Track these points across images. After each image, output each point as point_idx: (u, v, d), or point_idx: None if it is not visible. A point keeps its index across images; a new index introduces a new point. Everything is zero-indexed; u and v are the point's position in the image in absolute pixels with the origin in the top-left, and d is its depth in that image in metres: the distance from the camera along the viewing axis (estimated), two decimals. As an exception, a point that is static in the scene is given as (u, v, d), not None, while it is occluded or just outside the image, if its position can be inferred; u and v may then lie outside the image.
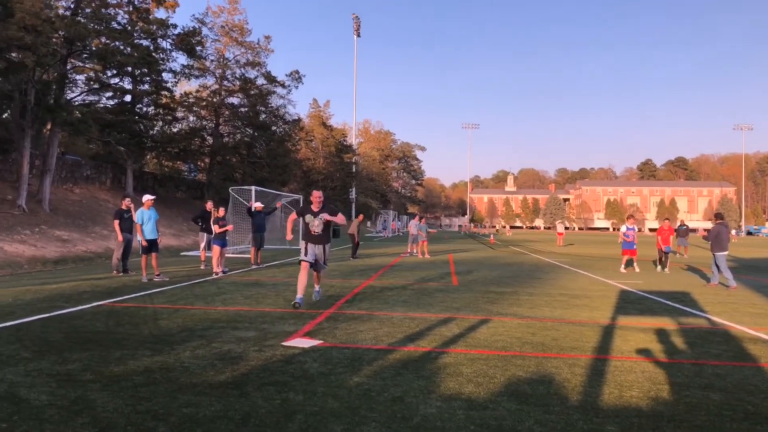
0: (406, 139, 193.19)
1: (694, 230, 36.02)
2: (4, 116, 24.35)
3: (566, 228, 43.74)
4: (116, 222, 12.84)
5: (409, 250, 23.01)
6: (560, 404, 4.13)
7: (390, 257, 20.84)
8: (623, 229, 16.85)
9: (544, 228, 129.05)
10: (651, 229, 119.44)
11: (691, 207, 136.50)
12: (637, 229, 17.15)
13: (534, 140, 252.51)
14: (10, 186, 21.48)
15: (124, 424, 3.53)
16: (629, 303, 9.59)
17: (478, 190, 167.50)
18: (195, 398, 4.04)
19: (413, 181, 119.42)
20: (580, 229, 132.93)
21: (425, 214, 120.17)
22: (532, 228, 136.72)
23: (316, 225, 8.34)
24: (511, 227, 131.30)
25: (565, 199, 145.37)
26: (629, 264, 16.41)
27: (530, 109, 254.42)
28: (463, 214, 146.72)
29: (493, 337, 6.43)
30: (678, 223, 26.08)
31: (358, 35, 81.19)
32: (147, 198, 11.96)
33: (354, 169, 68.35)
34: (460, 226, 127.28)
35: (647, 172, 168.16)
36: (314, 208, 8.49)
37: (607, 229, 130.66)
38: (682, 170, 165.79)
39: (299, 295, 8.27)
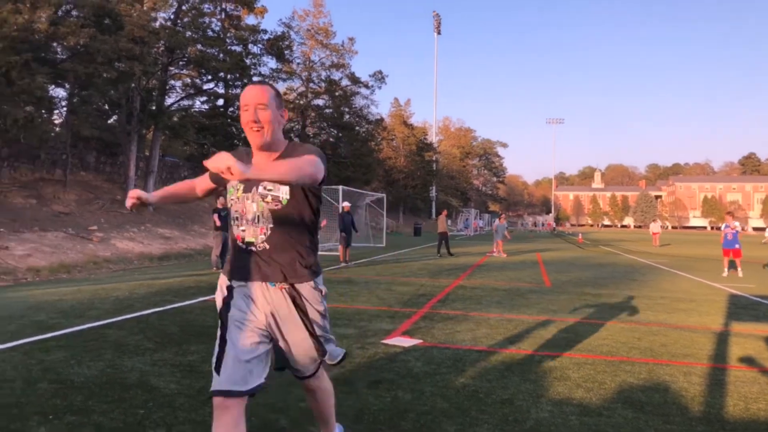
0: (488, 135, 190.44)
1: None
2: (110, 122, 26.24)
3: (662, 227, 40.56)
4: (215, 216, 13.48)
5: (495, 250, 22.69)
6: (680, 414, 3.94)
7: (475, 257, 20.65)
8: (723, 226, 15.73)
9: (635, 227, 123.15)
10: (756, 228, 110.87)
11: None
12: (738, 227, 15.71)
13: (622, 134, 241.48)
14: (118, 187, 23.15)
15: (249, 415, 3.72)
16: (741, 308, 8.99)
17: (562, 187, 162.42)
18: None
19: (494, 179, 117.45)
20: (673, 227, 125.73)
21: (507, 213, 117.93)
22: (623, 227, 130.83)
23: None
24: (602, 226, 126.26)
25: (657, 196, 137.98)
26: (731, 266, 15.06)
27: (618, 102, 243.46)
28: (548, 212, 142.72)
29: (596, 341, 6.23)
30: None
31: (439, 33, 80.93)
32: None
33: (434, 167, 68.21)
34: (543, 224, 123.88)
35: (750, 166, 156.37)
36: None
37: (704, 227, 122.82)
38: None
39: None
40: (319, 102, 39.72)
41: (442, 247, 20.53)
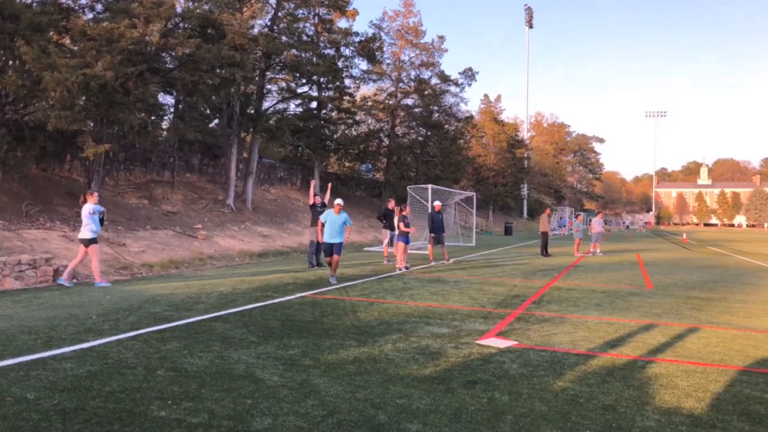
0: (583, 130, 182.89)
1: None
2: (211, 126, 27.78)
3: None
4: (312, 216, 13.95)
5: (591, 250, 21.84)
6: (806, 431, 3.63)
7: (571, 257, 19.96)
8: None
9: (747, 226, 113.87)
10: None
11: None
12: None
13: (733, 126, 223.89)
14: (220, 187, 24.47)
15: (348, 409, 3.85)
16: None
17: (664, 183, 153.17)
18: (405, 390, 4.26)
19: (590, 175, 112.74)
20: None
21: (604, 211, 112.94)
22: (730, 225, 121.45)
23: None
24: (705, 225, 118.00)
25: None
26: None
27: (726, 91, 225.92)
28: (648, 209, 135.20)
29: (706, 348, 5.86)
30: None
31: (531, 26, 78.86)
32: (337, 202, 11.53)
33: (526, 165, 66.52)
34: (641, 223, 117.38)
35: None
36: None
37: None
38: None
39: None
40: (409, 101, 39.88)
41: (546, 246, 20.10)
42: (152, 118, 16.89)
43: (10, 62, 14.69)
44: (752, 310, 8.48)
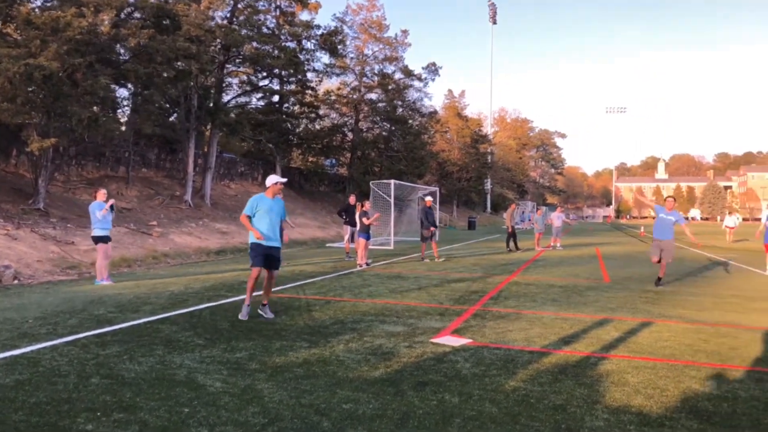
0: (545, 126, 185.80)
1: None
2: (170, 119, 27.06)
3: (740, 220, 35.67)
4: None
5: (552, 244, 22.11)
6: (751, 427, 3.63)
7: (532, 251, 20.14)
8: (764, 218, 13.92)
9: (701, 219, 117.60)
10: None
11: None
12: None
13: (689, 123, 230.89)
14: (178, 183, 23.87)
15: (290, 416, 3.68)
16: (821, 308, 8.32)
17: (624, 178, 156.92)
18: (353, 394, 4.11)
19: (552, 170, 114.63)
20: (745, 219, 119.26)
21: (566, 205, 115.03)
22: (685, 219, 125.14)
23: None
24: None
25: (727, 187, 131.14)
26: None
27: (683, 89, 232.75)
28: (608, 204, 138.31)
29: (658, 343, 5.89)
30: None
31: (494, 22, 79.45)
32: (274, 180, 7.26)
33: (489, 160, 67.11)
34: (604, 217, 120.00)
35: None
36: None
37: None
38: None
39: None
40: (372, 96, 39.67)
41: (511, 241, 20.18)
42: (103, 111, 16.27)
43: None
44: (703, 303, 8.62)
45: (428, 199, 16.49)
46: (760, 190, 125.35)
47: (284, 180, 7.34)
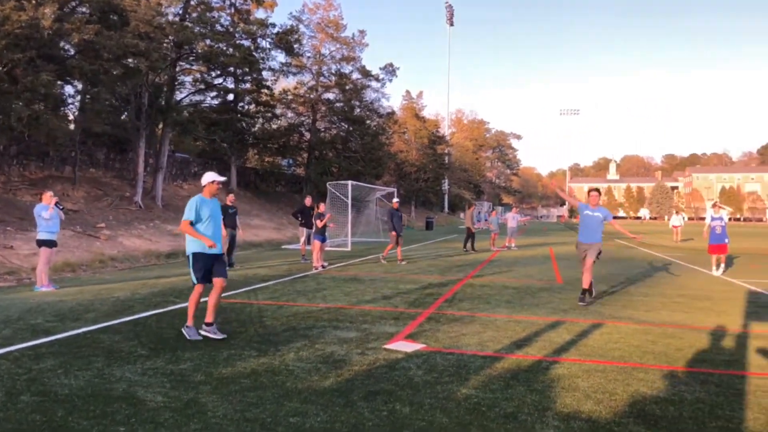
0: (501, 127, 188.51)
1: None
2: (121, 118, 26.21)
3: (686, 219, 35.79)
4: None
5: (507, 244, 22.39)
6: (697, 430, 3.67)
7: (487, 252, 20.34)
8: (708, 219, 13.65)
9: (650, 218, 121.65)
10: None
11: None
12: (726, 220, 13.90)
13: (639, 125, 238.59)
14: (127, 183, 23.12)
15: (234, 432, 3.52)
16: (761, 307, 8.63)
17: (577, 178, 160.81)
18: (301, 406, 3.98)
19: (508, 171, 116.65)
20: (690, 219, 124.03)
21: (521, 205, 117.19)
22: (636, 218, 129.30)
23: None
24: (614, 217, 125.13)
25: (674, 188, 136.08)
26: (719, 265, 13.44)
27: (634, 92, 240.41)
28: (562, 204, 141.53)
29: (608, 345, 5.96)
30: None
31: (451, 24, 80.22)
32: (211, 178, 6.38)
33: (447, 160, 67.72)
34: (558, 216, 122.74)
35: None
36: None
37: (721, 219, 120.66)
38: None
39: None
40: (330, 96, 39.42)
41: (469, 242, 20.30)
42: (46, 108, 15.57)
43: None
44: (651, 304, 8.82)
45: (395, 201, 16.34)
46: (704, 191, 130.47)
47: (223, 178, 6.50)
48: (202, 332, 6.04)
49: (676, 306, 8.62)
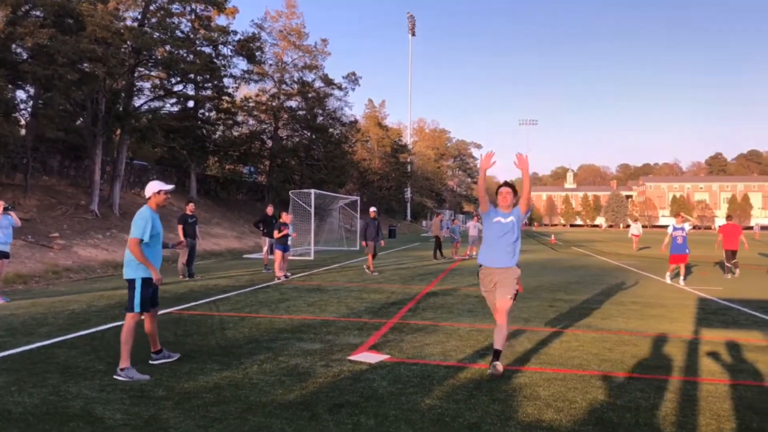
0: (462, 137, 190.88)
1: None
2: (77, 124, 25.47)
3: (644, 227, 35.80)
4: (180, 227, 13.16)
5: (468, 252, 22.65)
6: (652, 436, 3.80)
7: (449, 261, 20.53)
8: (670, 229, 13.83)
9: (606, 226, 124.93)
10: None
11: (766, 203, 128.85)
12: (688, 229, 14.05)
13: (594, 135, 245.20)
14: (83, 191, 22.45)
15: (197, 449, 3.47)
16: (711, 314, 8.98)
17: (536, 187, 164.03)
18: (265, 420, 3.95)
19: (469, 179, 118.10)
20: (644, 227, 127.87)
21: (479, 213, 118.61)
22: (594, 226, 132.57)
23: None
24: (571, 225, 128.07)
25: (628, 196, 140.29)
26: (677, 274, 13.68)
27: (590, 103, 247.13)
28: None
29: (567, 353, 6.11)
30: None
31: (413, 34, 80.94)
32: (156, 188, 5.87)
33: (409, 169, 68.18)
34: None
35: (717, 166, 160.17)
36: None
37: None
38: (756, 164, 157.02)
39: None
40: (292, 104, 39.21)
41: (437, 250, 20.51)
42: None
43: None
44: (608, 311, 9.07)
45: (372, 209, 16.29)
46: (656, 199, 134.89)
47: (170, 187, 5.83)
48: (155, 362, 5.43)
49: (632, 313, 8.88)
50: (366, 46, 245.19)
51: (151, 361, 5.45)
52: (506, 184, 5.72)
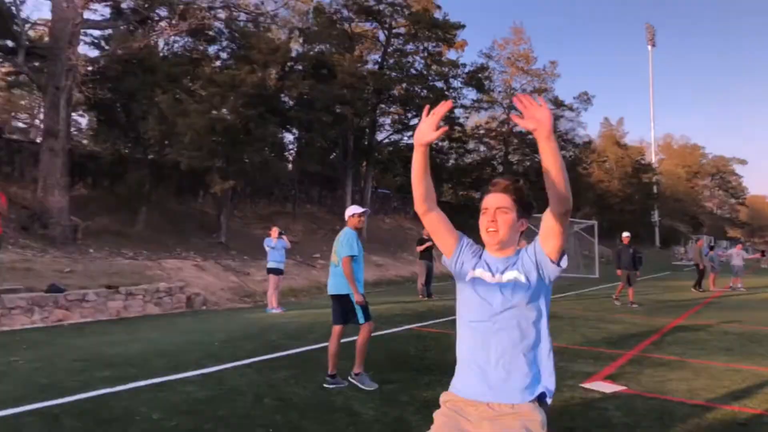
0: (720, 152, 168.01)
1: None
2: (330, 158, 29.13)
3: None
4: (418, 248, 14.19)
5: (731, 284, 19.92)
6: None
7: (706, 293, 18.37)
8: None
9: None
10: None
11: None
12: None
13: None
14: (338, 218, 25.48)
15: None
16: None
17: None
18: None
19: (732, 200, 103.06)
20: None
21: (752, 239, 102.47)
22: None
23: None
24: None
25: None
26: None
27: None
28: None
29: None
30: None
31: (653, 45, 74.66)
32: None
33: (655, 190, 62.43)
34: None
35: None
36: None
37: None
38: None
39: None
40: (522, 129, 39.26)
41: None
42: (272, 154, 18.14)
43: (150, 110, 16.64)
44: None
45: (626, 235, 15.44)
46: None
47: (363, 210, 5.94)
48: (328, 386, 5.44)
49: None
50: (599, 63, 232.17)
51: (325, 384, 5.47)
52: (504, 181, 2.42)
